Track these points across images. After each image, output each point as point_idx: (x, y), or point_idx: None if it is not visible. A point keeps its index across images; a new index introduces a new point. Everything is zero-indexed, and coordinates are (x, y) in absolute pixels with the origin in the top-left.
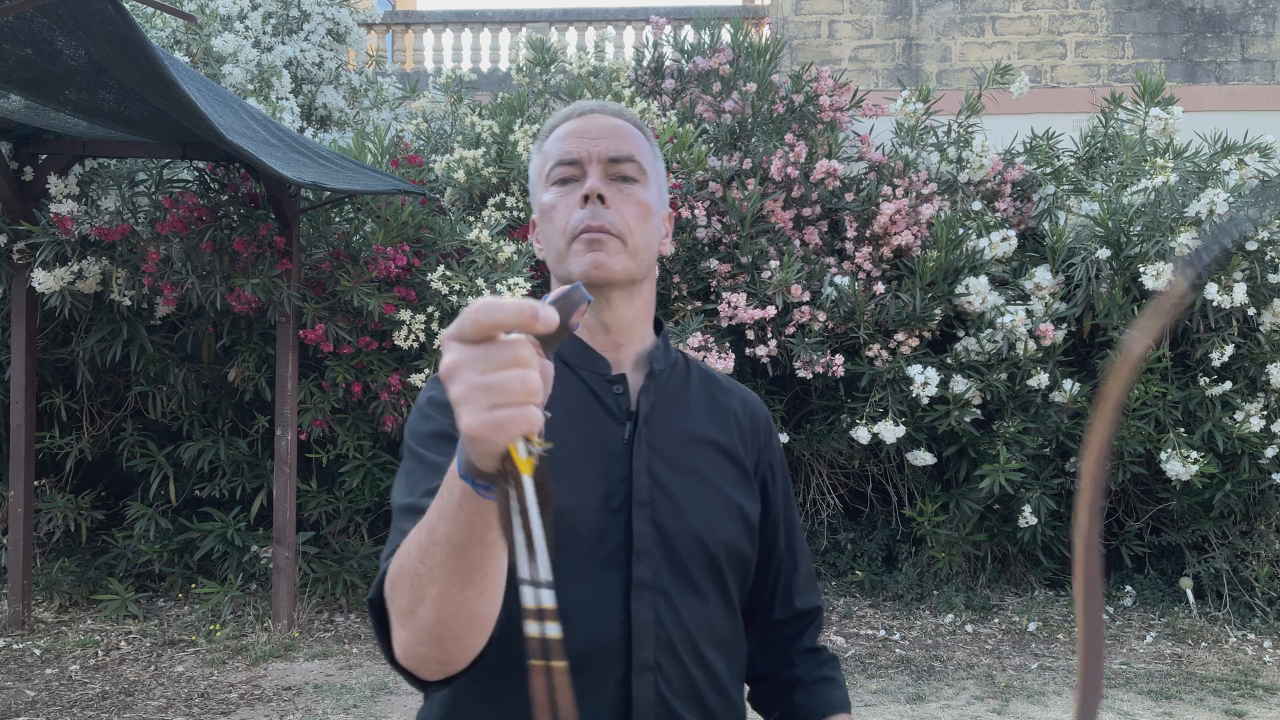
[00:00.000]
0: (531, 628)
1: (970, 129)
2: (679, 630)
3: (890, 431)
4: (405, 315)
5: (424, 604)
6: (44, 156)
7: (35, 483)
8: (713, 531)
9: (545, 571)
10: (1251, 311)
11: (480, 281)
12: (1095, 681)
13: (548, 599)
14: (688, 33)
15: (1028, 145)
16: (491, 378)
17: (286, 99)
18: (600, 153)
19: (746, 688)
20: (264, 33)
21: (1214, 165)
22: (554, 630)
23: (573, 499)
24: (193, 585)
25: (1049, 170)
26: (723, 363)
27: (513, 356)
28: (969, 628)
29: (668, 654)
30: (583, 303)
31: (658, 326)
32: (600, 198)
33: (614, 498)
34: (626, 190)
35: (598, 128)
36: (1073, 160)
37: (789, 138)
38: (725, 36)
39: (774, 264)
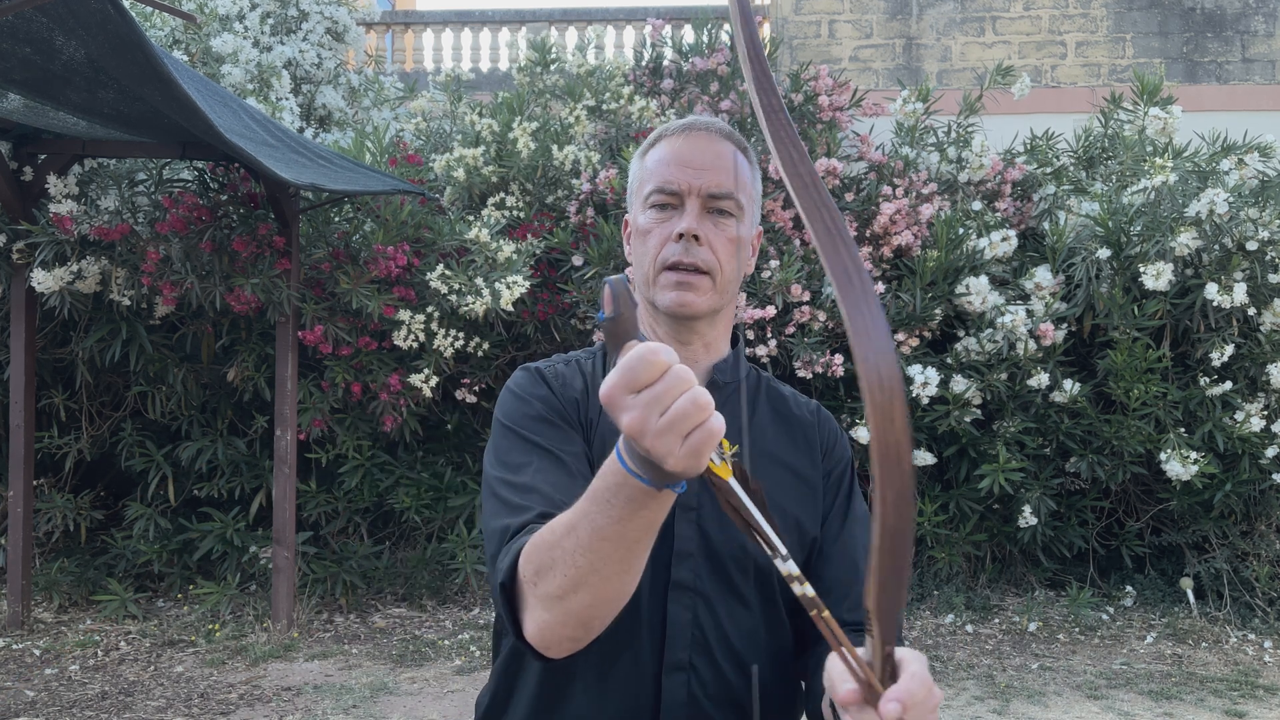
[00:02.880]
0: (797, 588)
1: (970, 129)
2: (717, 634)
3: None
4: (405, 315)
5: (581, 590)
6: (44, 156)
7: (35, 483)
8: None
9: (781, 546)
10: (1252, 311)
11: (479, 281)
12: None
13: (794, 568)
14: (686, 33)
15: (1028, 145)
16: (671, 414)
17: (286, 99)
18: (701, 187)
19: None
20: (262, 32)
21: (1214, 165)
22: (811, 590)
23: None
24: (191, 586)
25: (1049, 170)
26: None
27: (676, 383)
28: (969, 628)
29: (703, 656)
30: (622, 287)
31: (735, 339)
32: (695, 236)
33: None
34: (722, 225)
35: (702, 156)
36: (1072, 160)
37: None
38: (723, 37)
39: (774, 264)
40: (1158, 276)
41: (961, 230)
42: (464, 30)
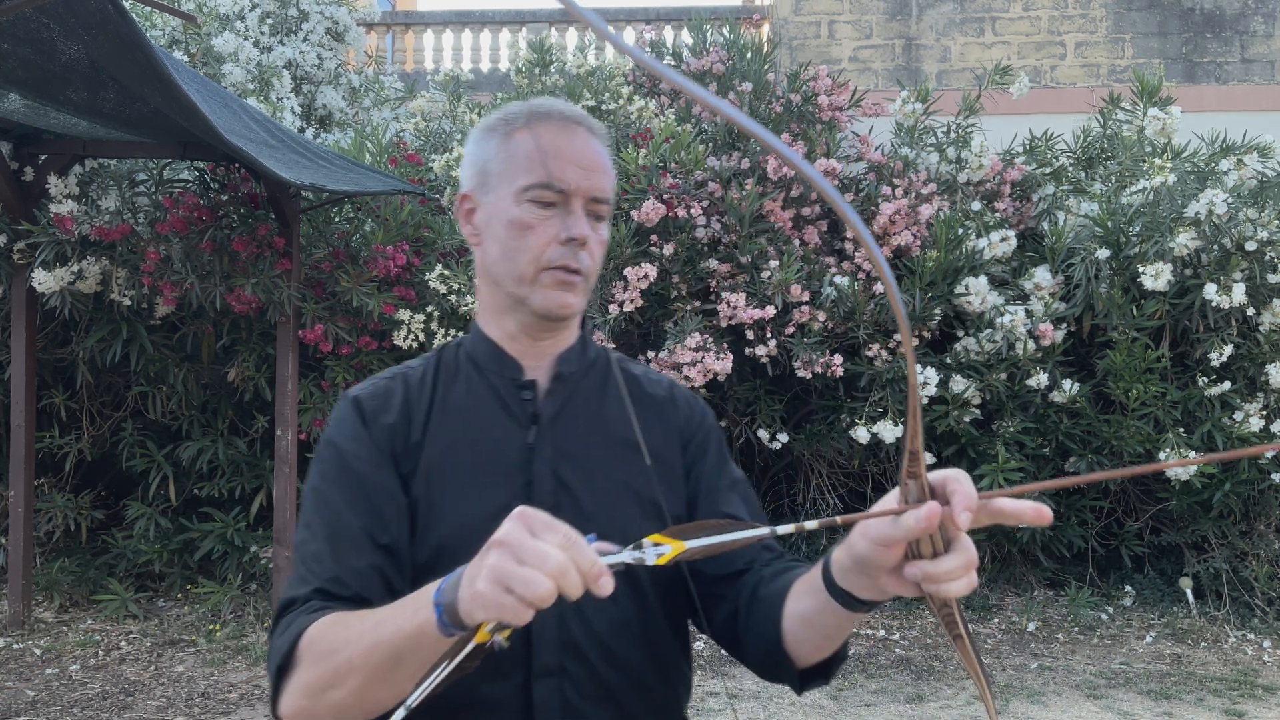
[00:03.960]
0: None
1: (969, 129)
2: (585, 633)
3: (890, 431)
4: (405, 315)
5: (341, 689)
6: (44, 156)
7: (35, 482)
8: (622, 533)
9: (415, 699)
10: (1251, 312)
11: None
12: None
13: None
14: (684, 34)
15: (1027, 146)
16: (522, 570)
17: (287, 99)
18: (588, 190)
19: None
20: (262, 32)
21: (1213, 165)
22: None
23: (473, 505)
24: (192, 586)
25: (1048, 171)
26: (722, 363)
27: (556, 569)
28: (968, 627)
29: (574, 658)
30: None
31: (582, 323)
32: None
33: (515, 503)
34: (597, 229)
35: (588, 157)
36: (1072, 160)
37: (785, 137)
38: (718, 37)
39: (773, 264)
40: (1156, 277)
41: (961, 230)
42: (464, 31)
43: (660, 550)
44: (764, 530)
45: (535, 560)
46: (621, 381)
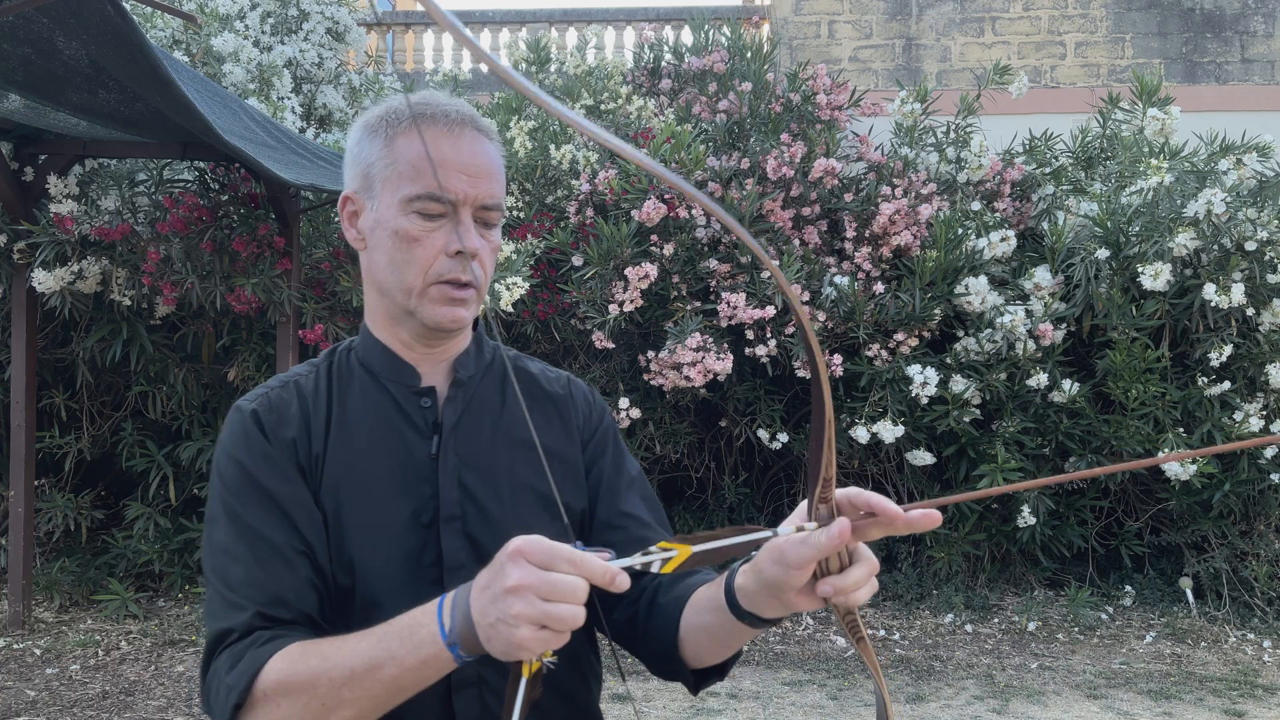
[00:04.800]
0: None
1: (969, 129)
2: None
3: (889, 431)
4: None
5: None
6: (44, 156)
7: (35, 482)
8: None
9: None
10: (1250, 312)
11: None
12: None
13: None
14: (684, 33)
15: (1027, 145)
16: (553, 607)
17: (288, 99)
18: (476, 198)
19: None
20: (262, 32)
21: (1212, 165)
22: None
23: (381, 518)
24: (191, 585)
25: (1048, 171)
26: (722, 363)
27: (573, 592)
28: (968, 627)
29: (491, 667)
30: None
31: (474, 324)
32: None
33: (423, 514)
34: (488, 236)
35: (475, 161)
36: (1071, 160)
37: (784, 137)
38: (719, 37)
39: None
40: (1155, 277)
41: (960, 230)
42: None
43: (668, 555)
44: (766, 533)
45: (563, 595)
46: (515, 381)
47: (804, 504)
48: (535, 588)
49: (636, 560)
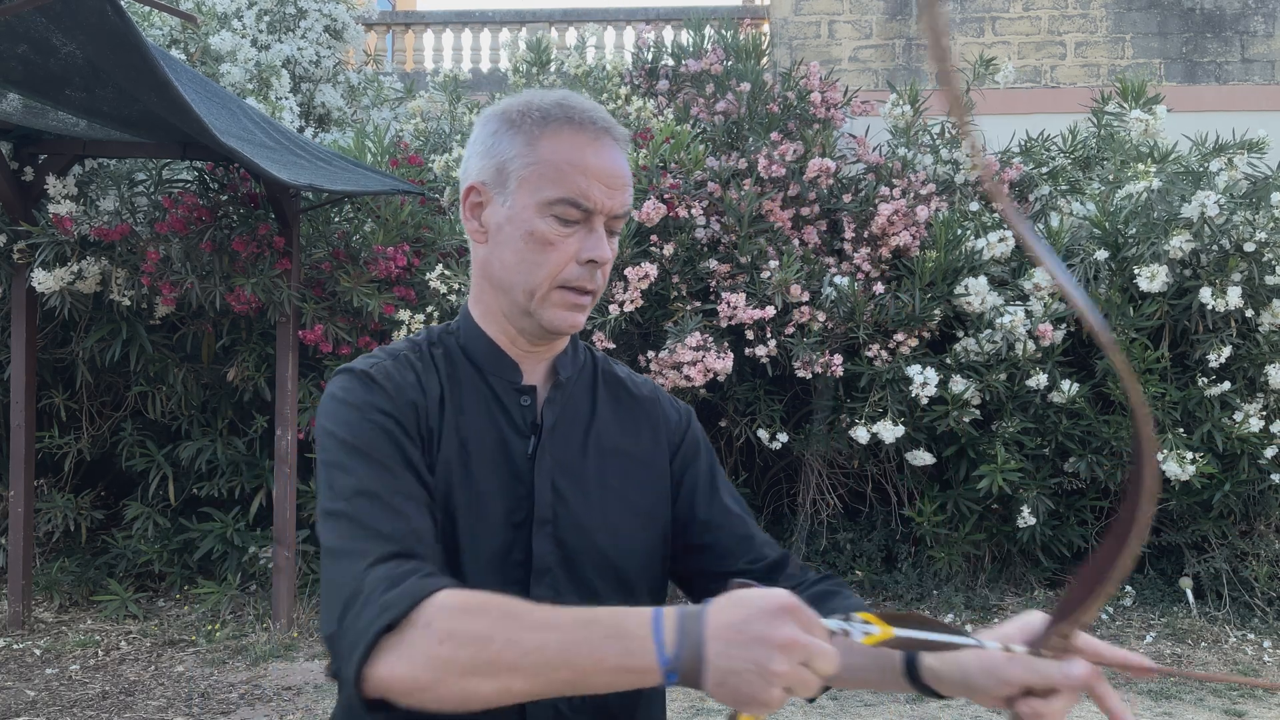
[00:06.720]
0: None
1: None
2: None
3: (889, 431)
4: (405, 315)
5: (490, 682)
6: (44, 157)
7: (35, 482)
8: (618, 545)
9: (971, 639)
10: (1250, 313)
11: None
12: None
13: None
14: (683, 34)
15: (1024, 146)
16: (808, 675)
17: (286, 98)
18: (611, 209)
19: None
20: (260, 30)
21: (1204, 166)
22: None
23: (475, 516)
24: (191, 586)
25: (1045, 171)
26: (722, 362)
27: (829, 665)
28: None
29: None
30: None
31: None
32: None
33: (516, 514)
34: (611, 245)
35: (616, 173)
36: (1069, 161)
37: (775, 135)
38: (716, 39)
39: (773, 264)
40: (1152, 279)
41: (959, 231)
42: (464, 31)
43: (868, 629)
44: (971, 642)
45: (819, 666)
46: (602, 385)
47: (1018, 620)
48: (805, 651)
49: (836, 624)
